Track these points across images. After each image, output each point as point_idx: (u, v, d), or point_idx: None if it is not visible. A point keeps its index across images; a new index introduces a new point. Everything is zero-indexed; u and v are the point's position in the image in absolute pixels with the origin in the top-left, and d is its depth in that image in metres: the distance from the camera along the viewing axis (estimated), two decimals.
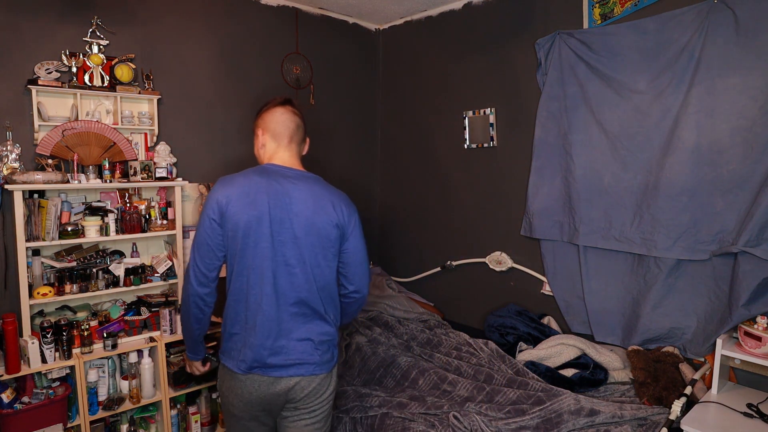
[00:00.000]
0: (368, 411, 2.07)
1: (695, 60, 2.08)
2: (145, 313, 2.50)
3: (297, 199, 1.52)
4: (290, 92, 3.19)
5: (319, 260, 1.54)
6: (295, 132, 1.66)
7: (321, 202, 1.55)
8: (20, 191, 2.12)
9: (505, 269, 2.91)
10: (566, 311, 2.64)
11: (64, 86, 2.31)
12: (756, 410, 1.79)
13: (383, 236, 3.76)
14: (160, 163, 2.51)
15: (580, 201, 2.47)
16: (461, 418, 1.88)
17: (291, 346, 1.51)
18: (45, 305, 2.33)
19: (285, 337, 1.51)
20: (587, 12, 2.45)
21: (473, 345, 2.47)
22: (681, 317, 2.21)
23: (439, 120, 3.25)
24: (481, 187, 3.04)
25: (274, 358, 1.50)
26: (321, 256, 1.55)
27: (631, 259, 2.36)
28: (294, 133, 1.66)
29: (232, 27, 2.91)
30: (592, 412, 1.85)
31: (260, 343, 1.50)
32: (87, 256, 2.41)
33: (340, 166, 3.52)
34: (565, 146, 2.54)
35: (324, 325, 1.57)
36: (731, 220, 2.02)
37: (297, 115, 1.68)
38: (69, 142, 2.29)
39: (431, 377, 2.20)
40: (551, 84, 2.57)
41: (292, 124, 1.66)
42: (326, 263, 1.56)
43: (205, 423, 2.65)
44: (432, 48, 3.26)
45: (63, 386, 2.21)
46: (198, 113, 2.82)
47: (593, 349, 2.30)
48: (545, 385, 2.08)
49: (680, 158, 2.13)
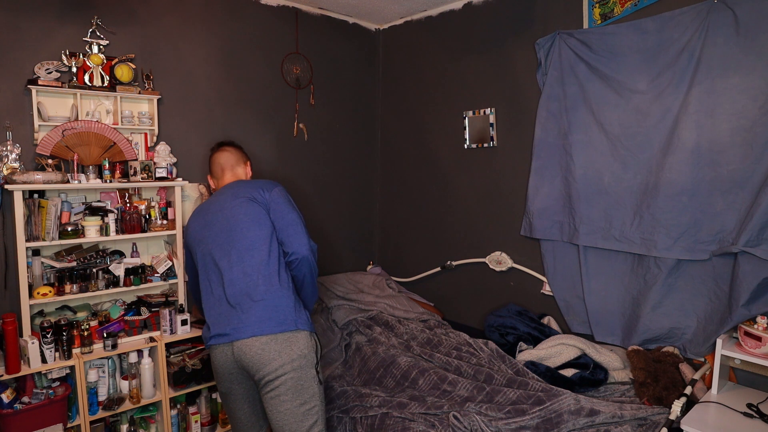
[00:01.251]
0: (368, 411, 2.07)
1: (695, 60, 2.08)
2: (145, 313, 2.50)
3: (224, 202, 1.91)
4: (290, 92, 3.19)
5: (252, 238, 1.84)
6: (229, 163, 2.08)
7: (240, 191, 1.90)
8: (20, 191, 2.12)
9: (505, 269, 2.91)
10: (566, 311, 2.64)
11: (64, 86, 2.31)
12: (756, 410, 1.79)
13: (383, 236, 3.76)
14: (160, 163, 2.51)
15: (580, 201, 2.47)
16: (461, 418, 1.88)
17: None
18: (45, 305, 2.33)
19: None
20: (587, 12, 2.45)
21: (473, 345, 2.47)
22: (681, 317, 2.21)
23: (439, 120, 3.25)
24: (481, 187, 3.04)
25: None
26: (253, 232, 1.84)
27: (631, 259, 2.36)
28: (229, 164, 2.08)
29: (232, 27, 2.91)
30: (592, 412, 1.85)
31: None
32: (87, 256, 2.41)
33: (340, 166, 3.52)
34: (565, 146, 2.54)
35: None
36: (731, 220, 2.02)
37: (228, 149, 2.11)
38: (69, 142, 2.29)
39: (431, 377, 2.20)
40: (551, 84, 2.57)
41: (225, 159, 2.08)
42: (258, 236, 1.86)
43: (205, 423, 2.65)
44: (432, 48, 3.26)
45: (63, 386, 2.21)
46: (198, 113, 2.82)
47: (593, 349, 2.30)
48: (545, 385, 2.08)
49: (680, 158, 2.13)
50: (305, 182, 3.33)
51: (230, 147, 2.12)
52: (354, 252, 3.67)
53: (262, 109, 3.08)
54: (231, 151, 2.10)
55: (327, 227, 3.47)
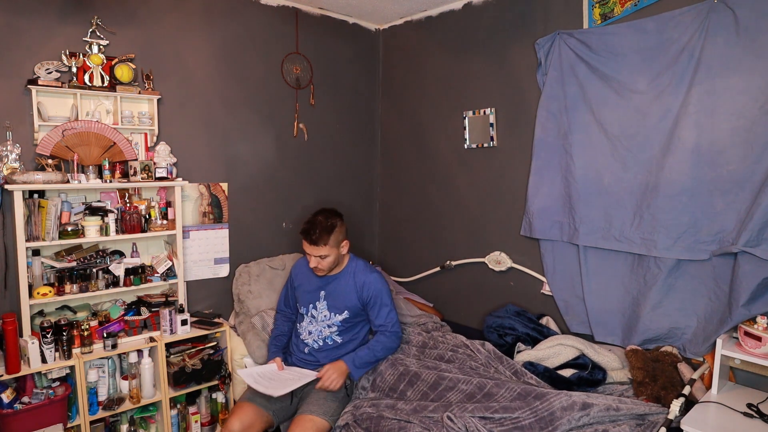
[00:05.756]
0: (364, 413, 2.06)
1: (695, 60, 2.08)
2: (145, 313, 2.50)
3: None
4: (290, 92, 3.19)
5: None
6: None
7: None
8: (20, 191, 2.12)
9: (504, 269, 2.91)
10: (566, 311, 2.64)
11: (64, 86, 2.31)
12: (756, 410, 1.79)
13: (383, 236, 3.76)
14: (160, 163, 2.51)
15: (580, 201, 2.47)
16: (455, 419, 1.87)
17: None
18: (45, 305, 2.33)
19: None
20: (587, 12, 2.45)
21: (470, 347, 2.46)
22: (681, 317, 2.21)
23: (439, 120, 3.25)
24: (481, 187, 3.03)
25: None
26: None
27: (631, 259, 2.36)
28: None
29: (232, 27, 2.91)
30: (585, 405, 1.83)
31: None
32: (87, 256, 2.41)
33: (340, 166, 3.52)
34: (565, 146, 2.54)
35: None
36: (731, 220, 2.02)
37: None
38: (69, 142, 2.29)
39: (428, 379, 2.19)
40: (551, 84, 2.57)
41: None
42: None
43: (205, 423, 2.65)
44: (432, 48, 3.26)
45: (63, 386, 2.21)
46: (198, 113, 2.82)
47: (592, 349, 2.30)
48: (543, 385, 2.07)
49: (680, 158, 2.12)
50: (305, 182, 3.33)
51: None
52: (354, 252, 3.63)
53: (262, 109, 3.08)
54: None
55: None
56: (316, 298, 2.35)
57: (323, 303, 2.32)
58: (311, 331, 2.32)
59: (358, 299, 2.29)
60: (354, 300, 2.29)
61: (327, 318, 2.30)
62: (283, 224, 3.24)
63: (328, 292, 2.32)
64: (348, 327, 2.31)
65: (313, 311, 2.33)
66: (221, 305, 2.97)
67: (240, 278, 2.90)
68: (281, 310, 2.52)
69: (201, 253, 2.86)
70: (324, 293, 2.33)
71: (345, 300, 2.30)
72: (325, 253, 2.22)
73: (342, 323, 2.29)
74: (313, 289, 2.36)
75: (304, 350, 2.33)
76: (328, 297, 2.32)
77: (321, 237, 2.19)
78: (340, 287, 2.32)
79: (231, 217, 2.98)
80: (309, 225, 2.23)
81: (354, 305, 2.29)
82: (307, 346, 2.32)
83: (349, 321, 2.30)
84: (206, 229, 2.87)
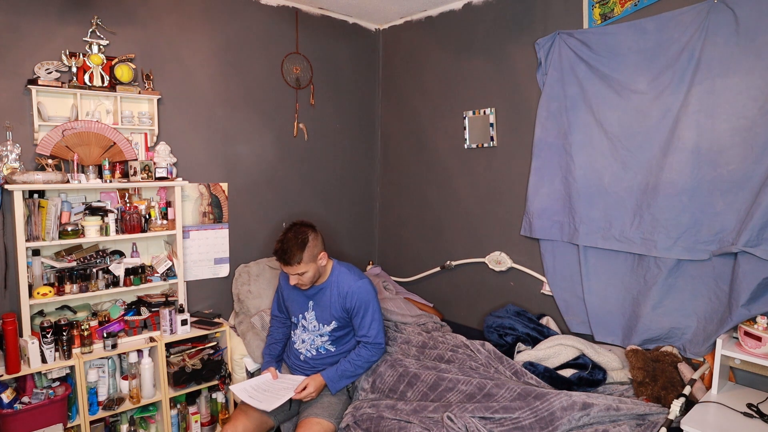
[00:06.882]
0: (364, 413, 2.06)
1: (695, 60, 2.08)
2: (145, 313, 2.50)
3: None
4: (290, 92, 3.19)
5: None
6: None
7: None
8: (20, 191, 2.12)
9: (504, 269, 2.91)
10: (566, 311, 2.64)
11: (64, 86, 2.31)
12: (756, 410, 1.79)
13: (383, 236, 3.76)
14: (160, 163, 2.51)
15: (580, 201, 2.47)
16: (455, 419, 1.87)
17: None
18: (45, 305, 2.33)
19: None
20: (587, 12, 2.45)
21: (470, 347, 2.45)
22: (681, 317, 2.21)
23: (439, 120, 3.25)
24: (481, 187, 3.03)
25: None
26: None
27: (631, 259, 2.36)
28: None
29: (232, 27, 2.91)
30: (585, 405, 1.83)
31: None
32: (87, 256, 2.41)
33: (340, 166, 3.52)
34: (565, 146, 2.54)
35: None
36: (731, 220, 2.02)
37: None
38: (69, 142, 2.29)
39: (427, 380, 2.19)
40: (551, 84, 2.57)
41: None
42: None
43: (205, 423, 2.65)
44: (432, 48, 3.26)
45: (63, 386, 2.21)
46: (198, 113, 2.82)
47: (592, 349, 2.30)
48: (543, 385, 2.07)
49: (680, 158, 2.12)
50: (305, 182, 3.33)
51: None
52: (354, 252, 3.67)
53: (262, 109, 3.08)
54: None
55: (327, 227, 3.47)
56: (305, 308, 2.30)
57: (312, 313, 2.28)
58: (304, 340, 2.30)
59: (342, 309, 2.24)
60: (339, 310, 2.24)
61: (317, 328, 2.27)
62: (283, 224, 3.23)
63: (316, 302, 2.28)
64: (339, 337, 2.27)
65: (303, 321, 2.30)
66: (221, 305, 2.97)
67: (240, 278, 2.90)
68: (276, 316, 2.48)
69: (201, 253, 2.86)
70: (312, 303, 2.29)
71: (331, 310, 2.24)
72: (302, 270, 2.13)
73: (331, 333, 2.26)
74: (301, 300, 2.32)
75: (299, 357, 2.32)
76: (315, 307, 2.28)
77: (294, 255, 2.09)
78: (325, 298, 2.26)
79: (231, 217, 2.98)
80: (280, 245, 2.13)
81: (340, 315, 2.24)
82: (301, 354, 2.31)
83: (339, 330, 2.26)
84: (206, 229, 2.87)
